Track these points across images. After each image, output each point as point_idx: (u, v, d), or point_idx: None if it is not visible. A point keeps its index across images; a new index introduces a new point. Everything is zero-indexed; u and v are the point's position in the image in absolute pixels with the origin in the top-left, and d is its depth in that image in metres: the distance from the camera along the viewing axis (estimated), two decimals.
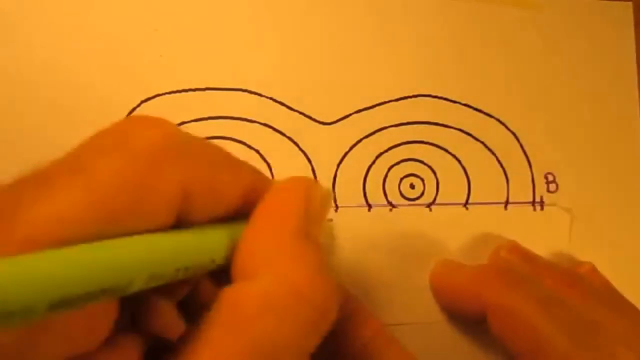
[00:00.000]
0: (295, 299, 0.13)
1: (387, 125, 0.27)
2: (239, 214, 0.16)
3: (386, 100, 0.27)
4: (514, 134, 0.28)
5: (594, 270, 0.25)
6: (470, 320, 0.21)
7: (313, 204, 0.16)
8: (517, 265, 0.24)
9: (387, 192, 0.27)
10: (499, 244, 0.26)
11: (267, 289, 0.13)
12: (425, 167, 0.27)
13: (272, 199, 0.15)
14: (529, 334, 0.20)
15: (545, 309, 0.20)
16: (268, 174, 0.26)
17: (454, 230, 0.27)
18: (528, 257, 0.25)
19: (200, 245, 0.14)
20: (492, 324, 0.21)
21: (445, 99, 0.28)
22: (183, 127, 0.25)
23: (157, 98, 0.25)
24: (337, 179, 0.26)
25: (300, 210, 0.15)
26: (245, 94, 0.26)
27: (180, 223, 0.14)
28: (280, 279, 0.13)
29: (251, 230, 0.15)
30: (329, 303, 0.14)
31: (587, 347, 0.19)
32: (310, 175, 0.26)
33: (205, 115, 0.26)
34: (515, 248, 0.25)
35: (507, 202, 0.27)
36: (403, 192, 0.27)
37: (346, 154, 0.27)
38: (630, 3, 0.30)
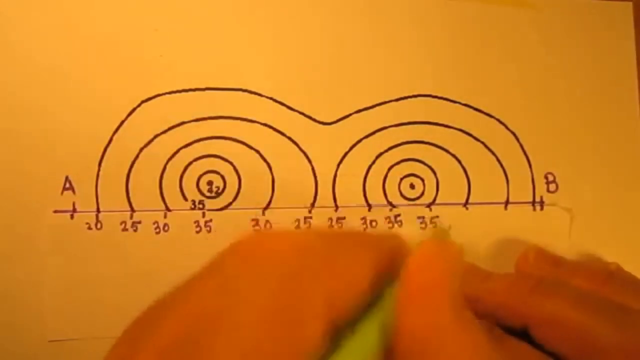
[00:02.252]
0: None
1: (387, 125, 0.27)
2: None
3: (386, 100, 0.27)
4: (514, 134, 0.28)
5: (620, 268, 0.25)
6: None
7: (454, 269, 0.16)
8: (547, 271, 0.24)
9: (387, 192, 0.27)
10: (525, 249, 0.26)
11: None
12: (425, 167, 0.27)
13: (414, 279, 0.16)
14: (577, 337, 0.20)
15: (588, 309, 0.21)
16: (268, 174, 0.26)
17: (454, 230, 0.27)
18: (556, 261, 0.25)
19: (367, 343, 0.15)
20: (537, 333, 0.21)
21: (445, 99, 0.28)
22: (183, 127, 0.25)
23: (157, 98, 0.25)
24: (337, 179, 0.26)
25: (449, 283, 0.15)
26: (245, 94, 0.26)
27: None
28: None
29: (408, 314, 0.15)
30: None
31: (636, 337, 0.20)
32: (311, 175, 0.26)
33: (205, 115, 0.26)
34: (541, 253, 0.25)
35: (507, 202, 0.27)
36: (403, 192, 0.27)
37: (346, 154, 0.27)
38: (630, 3, 0.30)
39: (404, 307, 0.15)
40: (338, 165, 0.26)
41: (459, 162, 0.27)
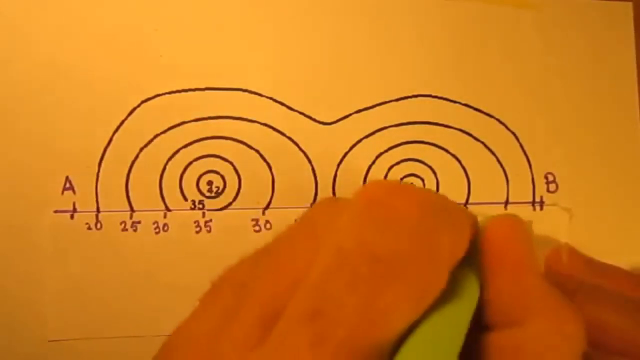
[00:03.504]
0: (565, 338, 0.15)
1: (387, 125, 0.27)
2: None
3: (386, 100, 0.27)
4: (514, 134, 0.28)
5: None
6: None
7: (530, 240, 0.17)
8: (580, 271, 0.24)
9: None
10: (555, 248, 0.25)
11: (543, 333, 0.15)
12: (425, 167, 0.27)
13: (499, 246, 0.16)
14: (621, 340, 0.20)
15: (629, 313, 0.21)
16: (268, 174, 0.26)
17: None
18: (588, 261, 0.25)
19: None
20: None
21: (445, 99, 0.28)
22: (183, 127, 0.25)
23: (157, 98, 0.25)
24: (337, 179, 0.26)
25: (530, 253, 0.16)
26: (245, 94, 0.26)
27: None
28: (550, 323, 0.15)
29: (496, 280, 0.16)
30: (583, 329, 0.15)
31: None
32: (311, 175, 0.26)
33: (205, 115, 0.26)
34: (574, 252, 0.25)
35: (507, 202, 0.27)
36: None
37: (346, 154, 0.27)
38: (630, 3, 0.30)
39: (492, 273, 0.16)
40: (338, 165, 0.26)
41: (459, 162, 0.27)
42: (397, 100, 0.27)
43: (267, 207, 0.26)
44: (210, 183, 0.26)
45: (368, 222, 0.14)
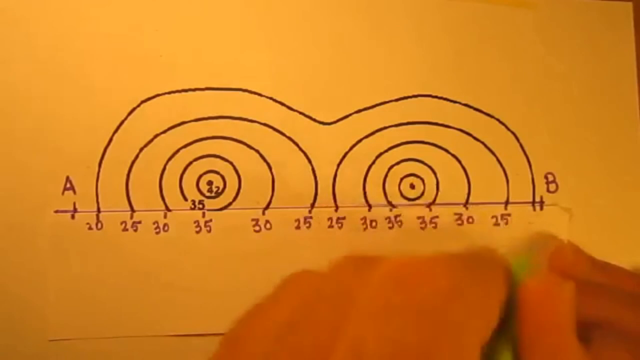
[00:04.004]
0: None
1: (387, 125, 0.27)
2: None
3: (386, 100, 0.27)
4: (514, 134, 0.28)
5: None
6: None
7: (571, 306, 0.16)
8: (584, 269, 0.24)
9: (387, 192, 0.27)
10: (557, 246, 0.25)
11: None
12: (425, 167, 0.27)
13: (538, 313, 0.16)
14: (632, 337, 0.21)
15: (635, 312, 0.21)
16: (268, 174, 0.26)
17: (453, 230, 0.27)
18: (591, 260, 0.25)
19: None
20: (591, 334, 0.22)
21: (445, 99, 0.28)
22: (183, 127, 0.25)
23: (157, 98, 0.25)
24: (337, 179, 0.26)
25: (569, 322, 0.16)
26: (245, 94, 0.26)
27: None
28: None
29: (532, 347, 0.16)
30: None
31: None
32: (311, 175, 0.26)
33: (205, 115, 0.26)
34: (579, 250, 0.25)
35: (507, 202, 0.27)
36: (403, 192, 0.27)
37: (346, 154, 0.27)
38: (630, 3, 0.30)
39: (529, 345, 0.15)
40: (338, 165, 0.26)
41: (459, 162, 0.27)
42: (397, 100, 0.27)
43: (267, 207, 0.26)
44: (210, 183, 0.26)
45: (389, 310, 0.13)
